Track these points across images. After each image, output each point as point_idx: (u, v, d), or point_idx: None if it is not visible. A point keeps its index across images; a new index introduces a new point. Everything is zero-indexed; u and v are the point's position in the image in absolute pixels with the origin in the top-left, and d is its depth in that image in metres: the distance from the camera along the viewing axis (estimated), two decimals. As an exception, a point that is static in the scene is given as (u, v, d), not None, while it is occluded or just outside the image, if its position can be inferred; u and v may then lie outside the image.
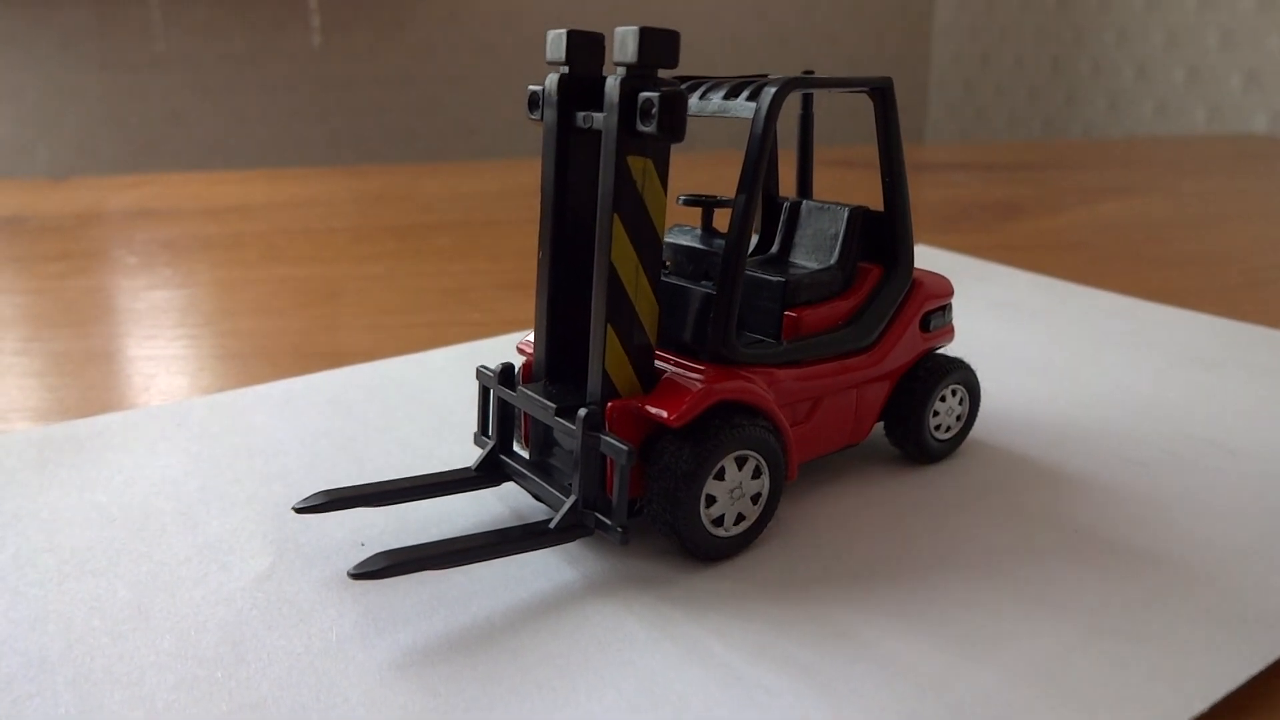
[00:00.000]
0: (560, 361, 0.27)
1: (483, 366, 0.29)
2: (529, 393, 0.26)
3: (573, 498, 0.25)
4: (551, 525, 0.25)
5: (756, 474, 0.26)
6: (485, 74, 1.27)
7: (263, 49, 1.23)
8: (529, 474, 0.27)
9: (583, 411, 0.24)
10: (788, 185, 0.33)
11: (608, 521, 0.24)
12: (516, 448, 0.29)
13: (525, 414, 0.28)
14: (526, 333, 0.29)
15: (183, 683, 0.21)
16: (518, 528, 0.26)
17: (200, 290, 0.55)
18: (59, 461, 0.31)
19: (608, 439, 0.24)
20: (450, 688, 0.21)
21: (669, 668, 0.22)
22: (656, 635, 0.23)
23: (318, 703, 0.21)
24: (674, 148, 0.25)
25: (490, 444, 0.28)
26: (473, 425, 0.29)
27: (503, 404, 0.28)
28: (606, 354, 0.25)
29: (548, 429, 0.27)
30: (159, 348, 0.45)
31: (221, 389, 0.39)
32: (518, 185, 0.86)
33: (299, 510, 0.26)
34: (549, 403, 0.26)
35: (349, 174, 0.92)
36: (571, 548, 0.26)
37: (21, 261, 0.60)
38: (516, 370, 0.28)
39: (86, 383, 0.41)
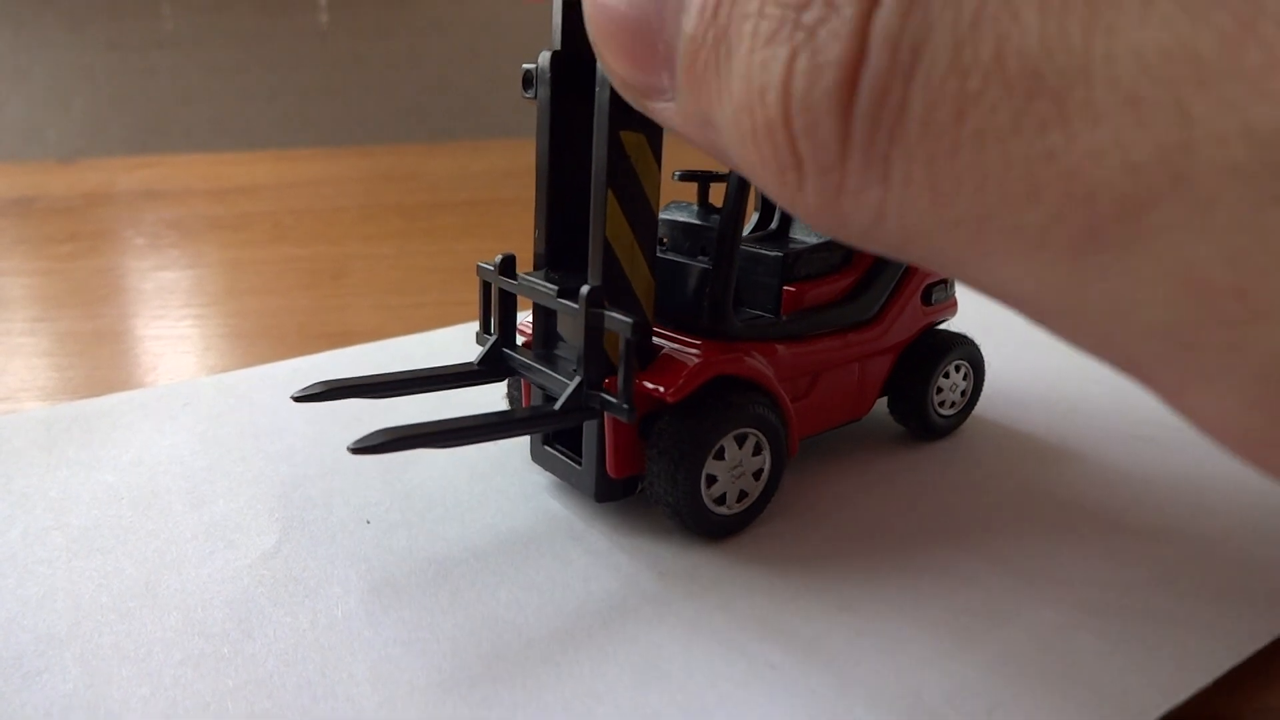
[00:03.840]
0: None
1: (483, 262, 0.28)
2: (530, 280, 0.26)
3: (577, 379, 0.25)
4: (556, 407, 0.25)
5: (757, 451, 0.26)
6: (494, 52, 1.26)
7: (270, 28, 1.23)
8: (533, 364, 0.27)
9: (585, 289, 0.24)
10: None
11: (612, 400, 0.24)
12: (520, 342, 0.28)
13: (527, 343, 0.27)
14: (526, 313, 0.29)
15: (189, 658, 0.21)
16: (523, 409, 0.25)
17: (207, 270, 0.55)
18: (67, 440, 0.32)
19: (611, 314, 0.24)
20: (454, 663, 0.21)
21: (673, 642, 0.22)
22: (660, 611, 0.23)
23: (323, 678, 0.21)
24: None
25: (492, 339, 0.28)
26: (476, 402, 0.29)
27: (504, 298, 0.28)
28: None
29: (550, 323, 0.27)
30: (166, 328, 0.45)
31: (228, 369, 0.39)
32: (525, 164, 0.85)
33: (297, 399, 0.26)
34: (551, 286, 0.25)
35: (356, 153, 0.92)
36: (575, 524, 0.26)
37: (30, 242, 0.61)
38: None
39: (94, 362, 0.41)
